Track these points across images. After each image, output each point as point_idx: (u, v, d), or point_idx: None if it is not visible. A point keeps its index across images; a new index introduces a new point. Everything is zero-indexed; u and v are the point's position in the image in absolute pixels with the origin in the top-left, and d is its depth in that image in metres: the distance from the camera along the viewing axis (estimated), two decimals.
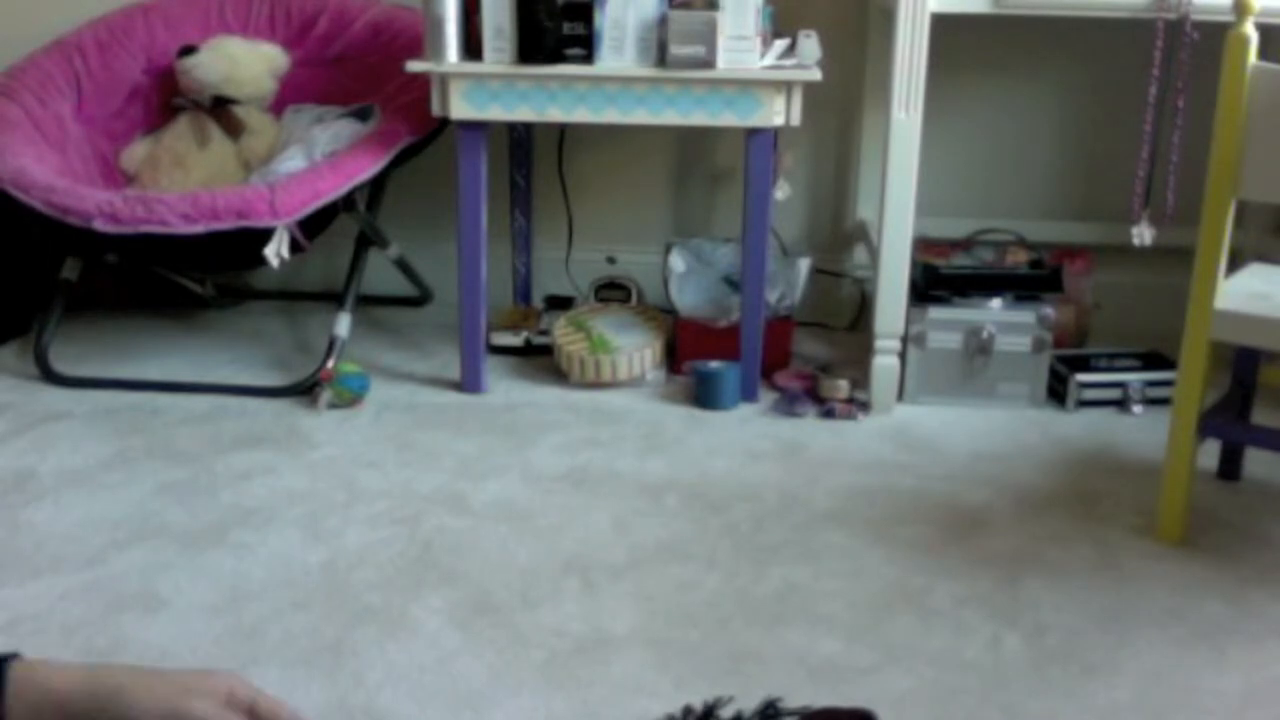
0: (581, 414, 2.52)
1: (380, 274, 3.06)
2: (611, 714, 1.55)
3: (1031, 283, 2.62)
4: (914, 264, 2.53)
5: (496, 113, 2.44)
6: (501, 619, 1.76)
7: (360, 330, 2.93)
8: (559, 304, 3.01)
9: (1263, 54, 1.84)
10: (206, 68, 2.81)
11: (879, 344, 2.54)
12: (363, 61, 2.95)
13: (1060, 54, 2.96)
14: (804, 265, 2.79)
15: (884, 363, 2.55)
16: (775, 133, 2.50)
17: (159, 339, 2.93)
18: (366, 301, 3.08)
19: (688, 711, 1.47)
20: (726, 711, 1.48)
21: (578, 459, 2.31)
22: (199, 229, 2.40)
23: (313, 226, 2.60)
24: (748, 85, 2.39)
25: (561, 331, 2.72)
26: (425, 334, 2.99)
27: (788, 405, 2.56)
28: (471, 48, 2.41)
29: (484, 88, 2.42)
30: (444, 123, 2.56)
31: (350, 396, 2.52)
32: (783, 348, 2.75)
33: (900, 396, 2.58)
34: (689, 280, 2.77)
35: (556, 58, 2.37)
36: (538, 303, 3.09)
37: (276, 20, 3.00)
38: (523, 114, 2.45)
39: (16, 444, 2.34)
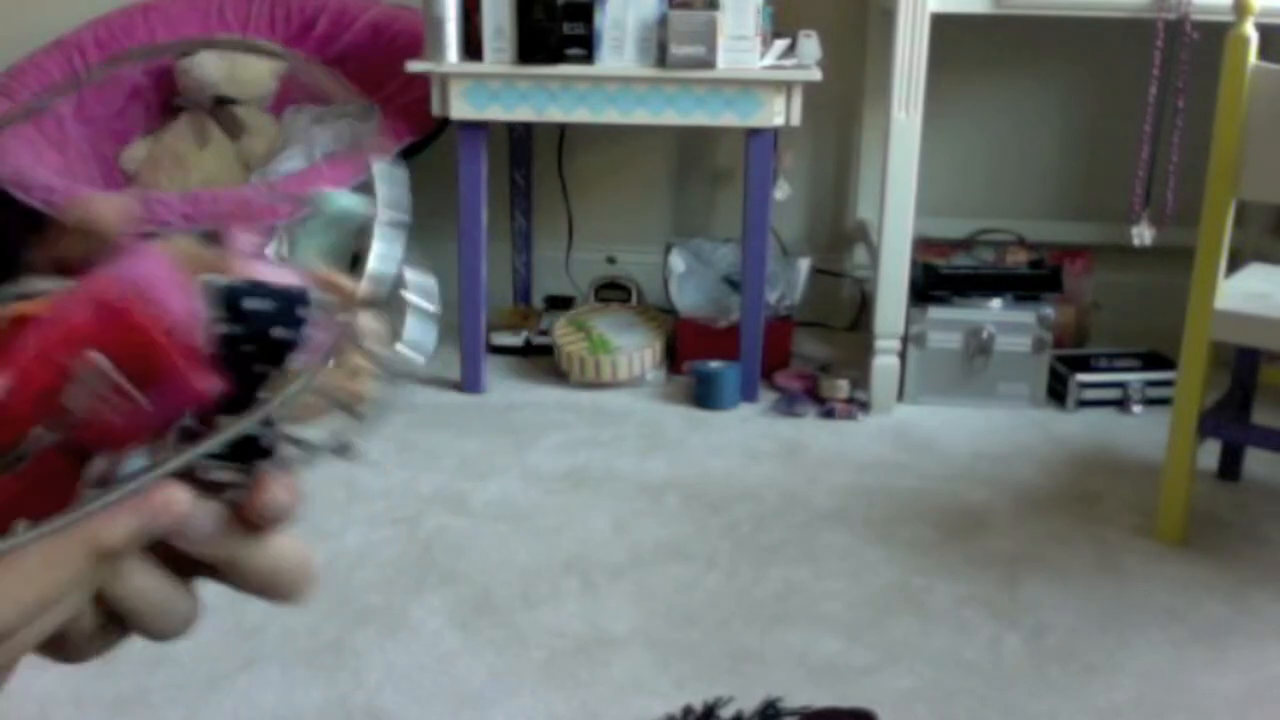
0: (581, 414, 2.52)
1: None
2: (611, 714, 1.55)
3: (1031, 283, 2.62)
4: (914, 264, 2.53)
5: (496, 113, 2.44)
6: (501, 619, 1.76)
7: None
8: (559, 304, 3.01)
9: (1263, 54, 1.84)
10: (206, 68, 2.81)
11: (879, 344, 2.54)
12: (363, 61, 2.95)
13: (1060, 54, 2.96)
14: (804, 265, 2.79)
15: (884, 363, 2.54)
16: (775, 133, 2.50)
17: None
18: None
19: (688, 711, 1.47)
20: (726, 711, 1.48)
21: (578, 459, 2.31)
22: (199, 229, 2.40)
23: None
24: (748, 85, 2.39)
25: (561, 331, 2.72)
26: None
27: (788, 405, 2.55)
28: (471, 48, 2.41)
29: (484, 88, 2.42)
30: (444, 123, 2.56)
31: None
32: (783, 348, 2.75)
33: (900, 396, 2.58)
34: (689, 280, 2.77)
35: (556, 58, 2.37)
36: (538, 303, 3.09)
37: (276, 20, 3.00)
38: (523, 114, 2.45)
39: None
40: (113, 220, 0.39)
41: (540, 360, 2.78)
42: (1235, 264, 2.09)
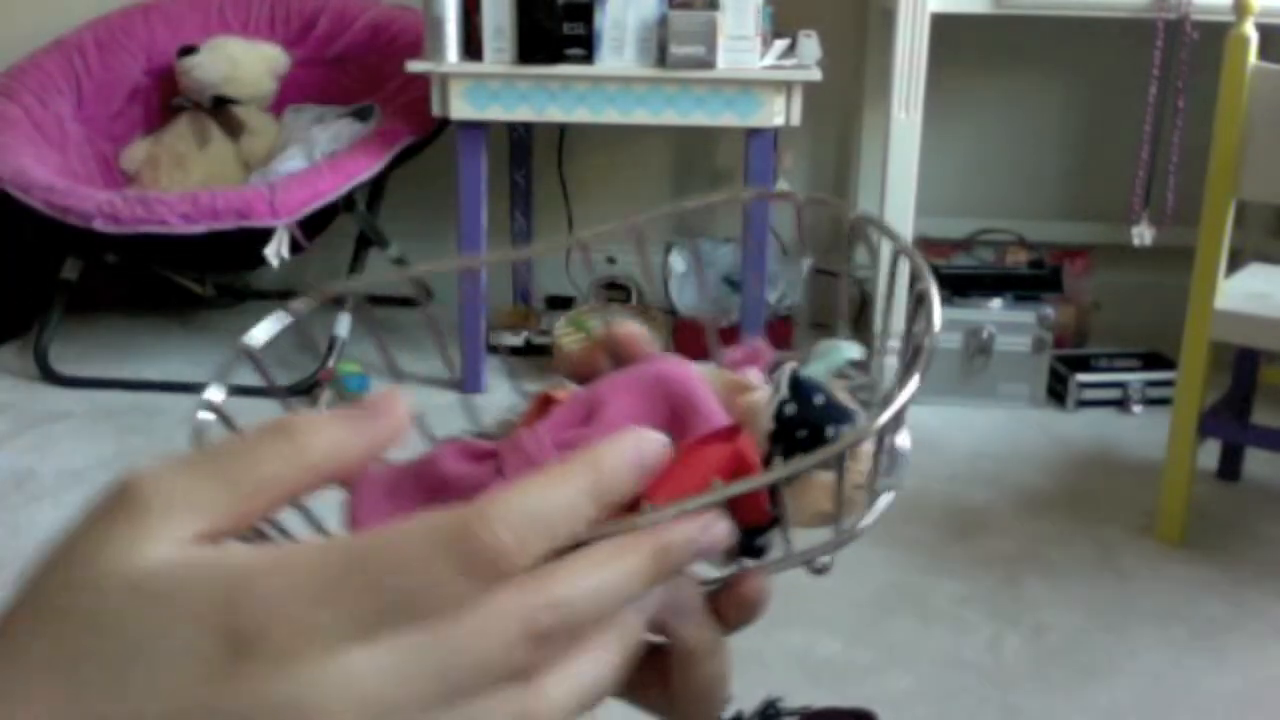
0: None
1: (380, 274, 3.06)
2: (611, 713, 1.55)
3: (1031, 283, 2.62)
4: None
5: (496, 113, 2.44)
6: None
7: (360, 330, 2.92)
8: (559, 304, 3.01)
9: (1263, 54, 1.84)
10: (206, 68, 2.81)
11: (879, 344, 2.54)
12: (363, 61, 2.95)
13: (1060, 54, 2.96)
14: (804, 265, 2.79)
15: (884, 363, 2.54)
16: (775, 133, 2.50)
17: (159, 339, 2.93)
18: (366, 301, 3.08)
19: None
20: (726, 712, 1.48)
21: None
22: (199, 229, 2.40)
23: (313, 226, 2.60)
24: (748, 85, 2.39)
25: (561, 331, 2.72)
26: (425, 334, 2.98)
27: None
28: (471, 48, 2.41)
29: (484, 88, 2.42)
30: (444, 123, 2.56)
31: (350, 396, 2.52)
32: (783, 348, 2.74)
33: None
34: (689, 280, 2.77)
35: (556, 58, 2.37)
36: (538, 303, 3.09)
37: (276, 20, 3.00)
38: (523, 114, 2.45)
39: (16, 444, 2.33)
40: (643, 343, 0.45)
41: (540, 360, 2.78)
42: (1235, 264, 2.09)
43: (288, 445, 0.32)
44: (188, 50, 2.83)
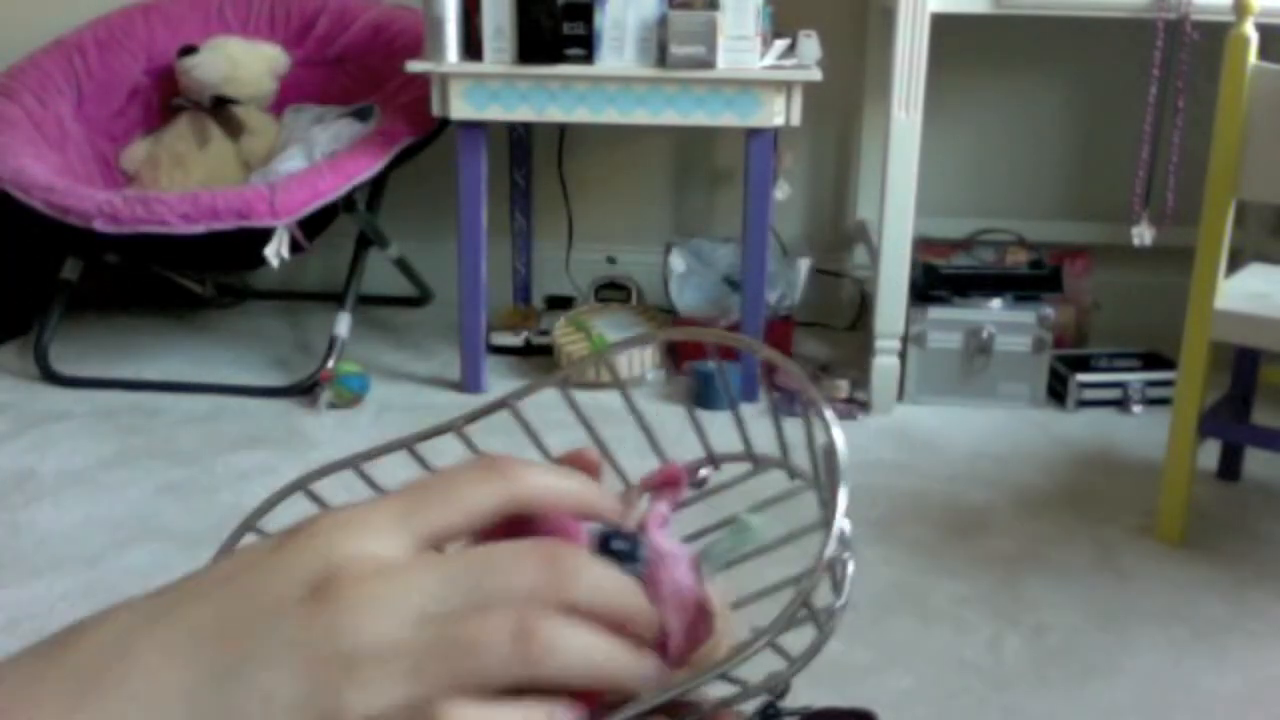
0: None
1: (380, 274, 3.06)
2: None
3: (1031, 283, 2.62)
4: (914, 264, 2.53)
5: (496, 113, 2.44)
6: None
7: (360, 330, 2.93)
8: (559, 304, 3.01)
9: (1263, 54, 1.84)
10: (206, 68, 2.81)
11: (879, 344, 2.54)
12: (363, 61, 2.95)
13: (1060, 54, 2.96)
14: (804, 265, 2.79)
15: (884, 363, 2.54)
16: (775, 133, 2.50)
17: (159, 339, 2.93)
18: (366, 301, 3.08)
19: None
20: None
21: None
22: (199, 229, 2.40)
23: (313, 226, 2.60)
24: (748, 85, 2.39)
25: (561, 331, 2.72)
26: (425, 334, 2.99)
27: (788, 405, 2.55)
28: (471, 48, 2.41)
29: (484, 88, 2.42)
30: (444, 123, 2.56)
31: (350, 396, 2.52)
32: (783, 348, 2.74)
33: (900, 396, 2.58)
34: (689, 280, 2.77)
35: (556, 58, 2.37)
36: (538, 303, 3.09)
37: (276, 20, 3.00)
38: (523, 114, 2.45)
39: (16, 444, 2.33)
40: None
41: (540, 360, 2.78)
42: (1235, 264, 2.08)
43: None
44: (188, 50, 2.83)
